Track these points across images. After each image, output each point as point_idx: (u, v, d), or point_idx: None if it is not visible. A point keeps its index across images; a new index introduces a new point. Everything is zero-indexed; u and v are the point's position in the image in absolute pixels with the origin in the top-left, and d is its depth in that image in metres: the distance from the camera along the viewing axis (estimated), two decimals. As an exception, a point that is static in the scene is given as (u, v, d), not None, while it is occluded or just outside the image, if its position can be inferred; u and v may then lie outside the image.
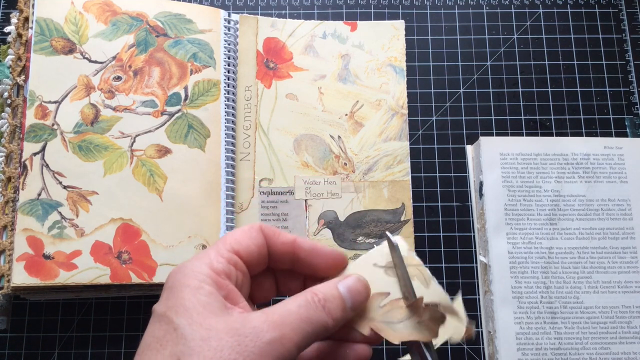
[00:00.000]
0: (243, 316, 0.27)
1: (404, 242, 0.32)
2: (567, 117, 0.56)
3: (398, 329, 0.30)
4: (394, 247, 0.32)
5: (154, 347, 0.26)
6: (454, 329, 0.30)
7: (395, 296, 0.31)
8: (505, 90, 0.57)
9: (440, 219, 0.54)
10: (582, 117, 0.56)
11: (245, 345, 0.25)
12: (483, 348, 0.50)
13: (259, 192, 0.53)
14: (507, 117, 0.56)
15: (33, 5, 0.50)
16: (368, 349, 0.31)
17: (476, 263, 0.52)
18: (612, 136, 0.55)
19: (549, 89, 0.57)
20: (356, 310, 0.31)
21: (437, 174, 0.55)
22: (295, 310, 0.27)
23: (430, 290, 0.31)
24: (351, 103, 0.56)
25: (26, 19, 0.50)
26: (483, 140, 0.54)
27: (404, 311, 0.31)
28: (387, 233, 0.33)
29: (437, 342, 0.31)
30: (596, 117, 0.56)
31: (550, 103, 0.57)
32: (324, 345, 0.32)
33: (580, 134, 0.56)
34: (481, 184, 0.53)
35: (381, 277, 0.32)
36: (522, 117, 0.56)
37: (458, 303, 0.31)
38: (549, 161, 0.53)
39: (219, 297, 0.27)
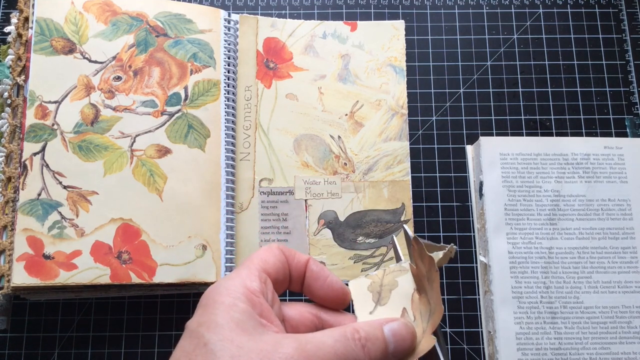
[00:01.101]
0: (276, 339, 0.26)
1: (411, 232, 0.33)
2: (567, 117, 0.56)
3: (434, 305, 0.30)
4: (410, 238, 0.32)
5: None
6: (442, 259, 0.30)
7: (407, 302, 0.31)
8: (505, 90, 0.57)
9: (440, 219, 0.54)
10: (582, 117, 0.56)
11: None
12: (483, 348, 0.50)
13: (259, 192, 0.53)
14: (507, 117, 0.56)
15: (33, 5, 0.50)
16: None
17: (476, 263, 0.52)
18: (612, 136, 0.55)
19: (549, 89, 0.57)
20: (399, 357, 0.29)
21: (437, 174, 0.55)
22: (331, 344, 0.27)
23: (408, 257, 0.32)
24: (351, 103, 0.56)
25: (26, 19, 0.50)
26: (483, 140, 0.54)
27: (422, 297, 0.31)
28: (405, 226, 0.33)
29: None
30: (596, 117, 0.56)
31: (550, 103, 0.57)
32: None
33: (580, 134, 0.56)
34: (481, 184, 0.53)
35: (384, 311, 0.32)
36: (522, 117, 0.56)
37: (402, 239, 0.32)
38: (549, 161, 0.53)
39: (253, 315, 0.27)
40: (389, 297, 0.32)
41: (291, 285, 0.32)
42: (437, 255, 0.30)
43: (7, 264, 0.45)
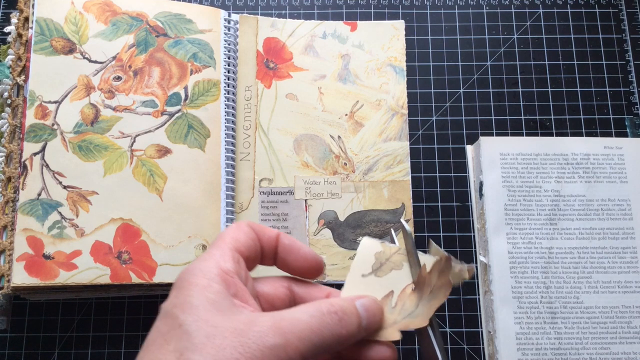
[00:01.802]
0: (250, 317, 0.26)
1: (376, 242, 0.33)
2: (567, 117, 0.56)
3: (419, 313, 0.31)
4: (408, 235, 0.32)
5: (157, 343, 0.26)
6: (457, 275, 0.30)
7: (397, 290, 0.32)
8: (505, 90, 0.57)
9: (440, 219, 0.54)
10: (582, 117, 0.56)
11: (248, 346, 0.25)
12: (483, 348, 0.50)
13: (259, 192, 0.53)
14: (507, 117, 0.56)
15: (33, 5, 0.50)
16: (392, 351, 0.31)
17: (476, 263, 0.52)
18: (612, 136, 0.55)
19: (549, 89, 0.57)
20: (369, 332, 0.30)
21: (437, 174, 0.55)
22: (306, 319, 0.27)
23: (426, 257, 0.32)
24: (351, 103, 0.56)
25: (26, 19, 0.50)
26: (483, 140, 0.54)
27: (414, 295, 0.31)
28: (403, 222, 0.33)
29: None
30: (596, 117, 0.56)
31: (550, 103, 0.57)
32: None
33: (580, 134, 0.56)
34: (481, 184, 0.53)
35: (375, 281, 0.32)
36: (522, 117, 0.56)
37: (437, 251, 0.31)
38: (549, 161, 0.53)
39: (227, 296, 0.27)
40: (387, 274, 0.32)
41: (263, 261, 0.33)
42: (453, 269, 0.30)
43: (7, 264, 0.45)
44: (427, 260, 0.32)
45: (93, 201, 0.48)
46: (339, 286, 0.33)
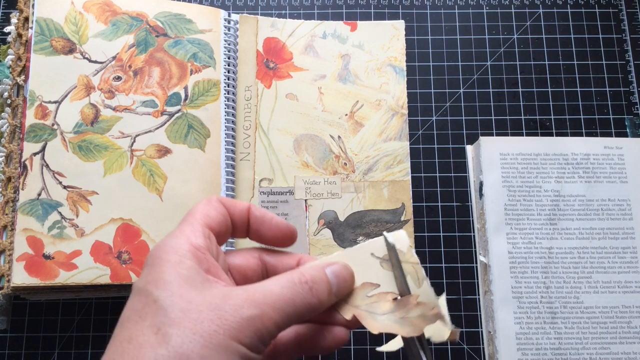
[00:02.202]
0: (224, 292, 0.27)
1: (407, 237, 0.32)
2: (567, 117, 0.56)
3: (380, 320, 0.31)
4: (391, 248, 0.32)
5: (133, 319, 0.26)
6: (436, 330, 0.30)
7: (384, 289, 0.32)
8: (505, 90, 0.57)
9: (440, 219, 0.54)
10: (582, 117, 0.56)
11: (225, 319, 0.25)
12: (483, 348, 0.50)
13: (259, 192, 0.53)
14: (507, 117, 0.56)
15: (33, 5, 0.50)
16: (346, 333, 0.32)
17: (476, 263, 0.52)
18: (612, 136, 0.55)
19: (549, 89, 0.57)
20: (340, 296, 0.31)
21: (437, 174, 0.55)
22: (278, 291, 0.27)
23: (421, 290, 0.31)
24: (351, 103, 0.56)
25: (26, 19, 0.50)
26: (483, 140, 0.54)
27: (390, 305, 0.31)
28: (385, 233, 0.33)
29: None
30: (596, 117, 0.56)
31: (550, 103, 0.57)
32: (303, 328, 0.33)
33: (580, 134, 0.56)
34: (481, 184, 0.53)
35: (376, 267, 0.32)
36: (522, 117, 0.56)
37: (442, 304, 0.31)
38: (549, 161, 0.53)
39: (200, 272, 0.27)
40: (388, 271, 0.32)
41: (236, 234, 0.33)
42: (436, 323, 0.30)
43: (7, 264, 0.45)
44: (423, 292, 0.31)
45: (93, 201, 0.48)
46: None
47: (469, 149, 0.55)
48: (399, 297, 0.31)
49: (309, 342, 0.32)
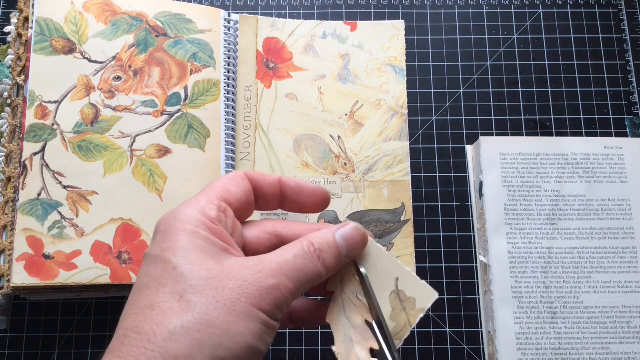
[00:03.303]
0: (241, 262, 0.27)
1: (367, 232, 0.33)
2: (567, 117, 0.56)
3: (344, 329, 0.31)
4: (363, 276, 0.32)
5: (152, 286, 0.26)
6: (423, 298, 0.31)
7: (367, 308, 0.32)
8: (505, 90, 0.57)
9: (440, 219, 0.54)
10: (582, 117, 0.56)
11: (245, 288, 0.26)
12: (483, 348, 0.50)
13: (259, 192, 0.53)
14: (507, 117, 0.56)
15: (33, 5, 0.50)
16: None
17: (476, 263, 0.52)
18: (612, 136, 0.55)
19: (549, 89, 0.57)
20: (352, 257, 0.32)
21: (437, 174, 0.55)
22: (292, 260, 0.28)
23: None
24: (351, 103, 0.56)
25: (26, 19, 0.50)
26: (483, 140, 0.54)
27: (361, 319, 0.31)
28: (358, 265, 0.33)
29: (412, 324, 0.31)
30: (596, 117, 0.56)
31: (550, 103, 0.57)
32: (298, 304, 0.34)
33: (580, 134, 0.56)
34: (481, 184, 0.53)
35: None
36: (522, 117, 0.56)
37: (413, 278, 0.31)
38: (549, 161, 0.53)
39: (215, 242, 0.28)
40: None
41: (267, 206, 0.34)
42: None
43: (7, 264, 0.45)
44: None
45: (93, 201, 0.48)
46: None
47: (469, 149, 0.55)
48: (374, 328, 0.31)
49: (303, 314, 0.34)
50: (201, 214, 0.28)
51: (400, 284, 0.31)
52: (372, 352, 0.30)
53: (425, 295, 0.31)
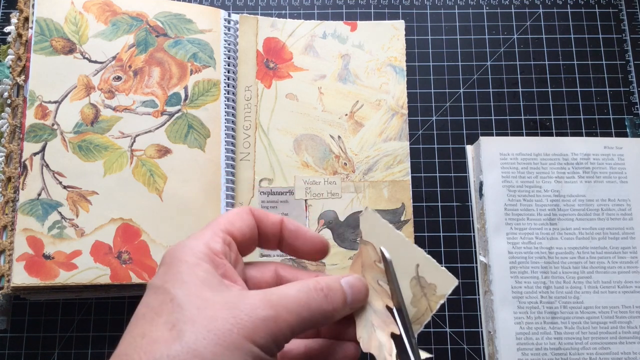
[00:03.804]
0: (240, 293, 0.27)
1: (375, 213, 0.33)
2: (567, 117, 0.56)
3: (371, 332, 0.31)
4: (388, 261, 0.32)
5: (148, 317, 0.26)
6: (443, 284, 0.31)
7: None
8: (505, 90, 0.57)
9: (440, 219, 0.54)
10: (582, 117, 0.56)
11: (240, 318, 0.25)
12: (483, 348, 0.50)
13: (259, 192, 0.53)
14: (507, 117, 0.56)
15: (33, 5, 0.50)
16: (356, 349, 0.32)
17: (476, 263, 0.52)
18: (612, 136, 0.55)
19: (549, 89, 0.57)
20: (354, 308, 0.31)
21: (437, 174, 0.55)
22: (294, 294, 0.28)
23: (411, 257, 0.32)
24: (351, 103, 0.56)
25: (26, 19, 0.50)
26: (483, 140, 0.54)
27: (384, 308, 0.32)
28: (382, 248, 0.33)
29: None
30: (596, 117, 0.56)
31: (550, 103, 0.57)
32: (313, 343, 0.33)
33: (580, 134, 0.56)
34: (481, 184, 0.53)
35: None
36: (522, 117, 0.56)
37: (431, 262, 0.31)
38: (549, 161, 0.53)
39: (216, 275, 0.28)
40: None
41: (267, 245, 0.33)
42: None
43: (7, 264, 0.45)
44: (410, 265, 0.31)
45: (93, 201, 0.48)
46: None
47: (469, 149, 0.55)
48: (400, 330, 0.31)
49: (319, 356, 0.32)
50: (205, 246, 0.28)
51: (421, 271, 0.31)
52: (393, 337, 0.30)
53: (445, 282, 0.31)
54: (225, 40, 0.54)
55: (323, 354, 0.32)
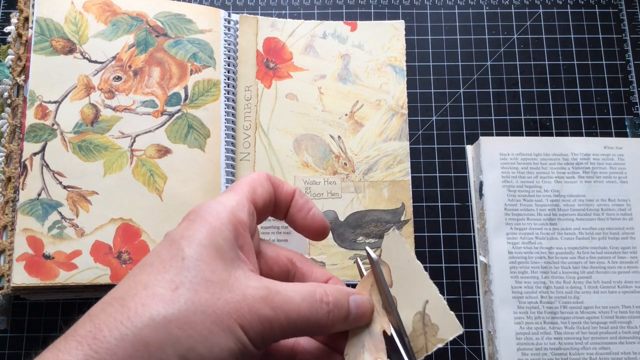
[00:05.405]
0: (248, 278, 0.27)
1: (400, 236, 0.32)
2: (567, 117, 0.56)
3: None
4: (374, 263, 0.31)
5: (156, 267, 0.26)
6: (447, 329, 0.30)
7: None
8: (505, 90, 0.57)
9: (440, 219, 0.54)
10: (582, 117, 0.56)
11: (240, 307, 0.25)
12: (483, 348, 0.50)
13: (259, 192, 0.53)
14: (507, 117, 0.56)
15: (33, 5, 0.50)
16: None
17: (476, 263, 0.52)
18: (612, 136, 0.55)
19: (549, 89, 0.57)
20: (353, 327, 0.31)
21: (437, 174, 0.55)
22: (298, 302, 0.27)
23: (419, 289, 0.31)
24: (351, 103, 0.56)
25: (26, 19, 0.50)
26: (483, 140, 0.54)
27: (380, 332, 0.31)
28: (367, 248, 0.32)
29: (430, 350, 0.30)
30: (596, 117, 0.56)
31: (550, 103, 0.57)
32: (303, 341, 0.33)
33: (580, 134, 0.56)
34: (481, 184, 0.53)
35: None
36: (522, 117, 0.56)
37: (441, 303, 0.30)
38: (549, 161, 0.53)
39: (234, 246, 0.27)
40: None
41: (275, 214, 0.33)
42: None
43: (7, 264, 0.45)
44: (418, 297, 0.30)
45: (93, 201, 0.48)
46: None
47: (469, 149, 0.55)
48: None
49: (304, 357, 0.32)
50: (231, 212, 0.28)
51: (428, 308, 0.30)
52: None
53: (450, 327, 0.29)
54: (225, 40, 0.54)
55: (314, 356, 0.32)
